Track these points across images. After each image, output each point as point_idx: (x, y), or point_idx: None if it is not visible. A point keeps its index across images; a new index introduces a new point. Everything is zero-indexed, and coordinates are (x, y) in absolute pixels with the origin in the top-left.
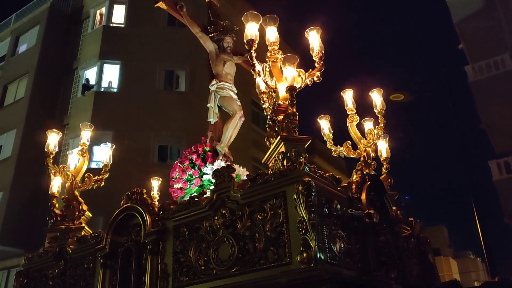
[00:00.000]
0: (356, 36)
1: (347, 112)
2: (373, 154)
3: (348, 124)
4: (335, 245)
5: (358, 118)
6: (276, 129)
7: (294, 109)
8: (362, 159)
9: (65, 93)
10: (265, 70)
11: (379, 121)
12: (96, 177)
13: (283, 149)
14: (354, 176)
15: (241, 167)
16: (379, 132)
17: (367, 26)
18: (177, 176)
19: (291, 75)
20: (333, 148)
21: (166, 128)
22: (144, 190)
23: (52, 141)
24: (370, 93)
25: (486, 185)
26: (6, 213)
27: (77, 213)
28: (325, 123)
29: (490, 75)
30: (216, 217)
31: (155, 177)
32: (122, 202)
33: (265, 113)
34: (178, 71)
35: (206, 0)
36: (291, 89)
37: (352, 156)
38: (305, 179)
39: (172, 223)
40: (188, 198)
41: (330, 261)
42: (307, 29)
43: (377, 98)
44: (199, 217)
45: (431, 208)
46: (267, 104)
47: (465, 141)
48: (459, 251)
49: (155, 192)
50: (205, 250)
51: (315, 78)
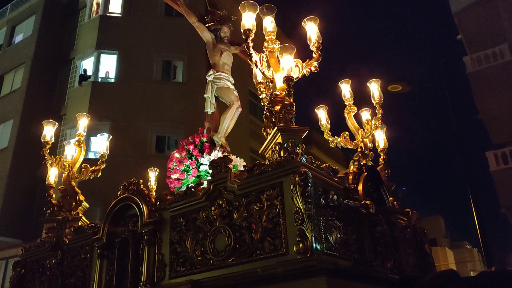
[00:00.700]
0: (354, 26)
1: (345, 103)
2: (370, 145)
3: (345, 115)
4: (331, 236)
5: (355, 109)
6: (273, 120)
7: (291, 100)
8: (359, 149)
9: (62, 83)
10: (262, 60)
11: (376, 111)
12: (93, 168)
13: (280, 139)
14: (352, 167)
15: (238, 157)
16: (377, 123)
17: (365, 16)
18: (174, 167)
19: (288, 65)
20: (331, 139)
21: (163, 118)
22: (141, 181)
23: (48, 131)
24: (368, 83)
25: (483, 175)
26: (3, 203)
27: (74, 203)
28: (322, 113)
29: (488, 66)
30: (213, 208)
31: (153, 168)
32: (119, 193)
33: (262, 104)
34: (175, 61)
35: None
36: (288, 79)
37: (349, 146)
38: (301, 169)
39: (169, 213)
40: (185, 188)
41: (327, 251)
42: (305, 19)
43: (374, 89)
44: (196, 208)
45: (428, 199)
46: (264, 95)
47: (463, 131)
48: (456, 242)
49: (153, 183)
50: (201, 240)
51: (313, 69)
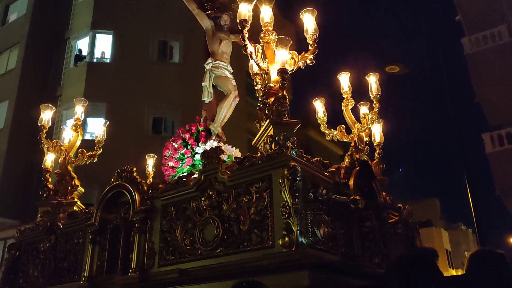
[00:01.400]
0: (352, 7)
1: (343, 96)
2: (366, 139)
3: (343, 108)
4: (319, 230)
5: (353, 102)
6: (266, 112)
7: (285, 92)
8: (353, 144)
9: (58, 63)
10: (258, 52)
11: (374, 105)
12: (90, 153)
13: (271, 132)
14: (346, 160)
15: (234, 147)
16: (373, 117)
17: None
18: (170, 155)
19: (283, 58)
20: (327, 132)
21: (160, 100)
22: (135, 168)
23: (45, 116)
24: (366, 77)
25: (479, 158)
26: (1, 184)
27: (69, 188)
28: (319, 105)
29: (486, 48)
30: (203, 198)
31: (150, 153)
32: (112, 180)
33: (257, 95)
34: (172, 42)
35: None
36: (282, 72)
37: (345, 140)
38: (290, 163)
39: (160, 202)
40: (177, 178)
41: (313, 245)
42: (302, 11)
43: (373, 82)
44: (186, 197)
45: (424, 181)
46: (259, 86)
47: (459, 114)
48: (451, 223)
49: (150, 169)
50: (191, 230)
51: (308, 61)
